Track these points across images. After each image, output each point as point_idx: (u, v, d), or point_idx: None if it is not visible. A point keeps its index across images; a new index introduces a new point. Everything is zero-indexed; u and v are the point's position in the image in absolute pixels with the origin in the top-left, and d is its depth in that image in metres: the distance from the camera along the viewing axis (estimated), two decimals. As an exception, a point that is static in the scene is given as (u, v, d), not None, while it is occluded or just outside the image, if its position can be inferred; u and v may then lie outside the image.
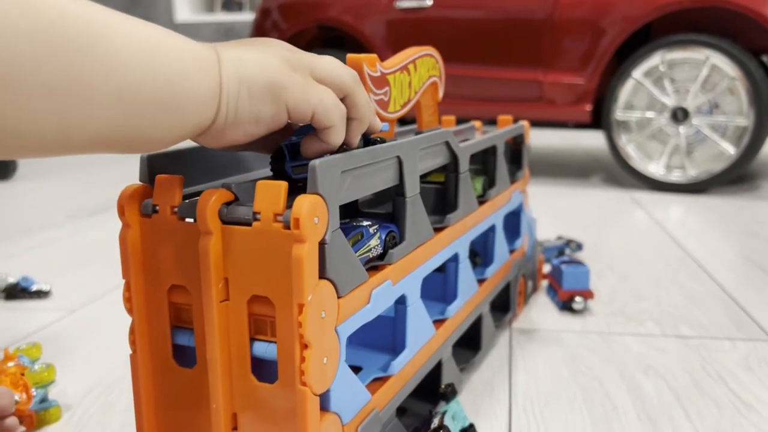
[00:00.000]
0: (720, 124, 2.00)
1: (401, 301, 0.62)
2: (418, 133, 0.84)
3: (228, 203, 0.45)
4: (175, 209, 0.46)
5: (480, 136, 0.93)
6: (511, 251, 1.01)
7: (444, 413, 0.63)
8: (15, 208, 1.93)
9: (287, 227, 0.42)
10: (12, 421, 0.65)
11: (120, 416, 0.74)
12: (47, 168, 2.67)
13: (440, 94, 0.88)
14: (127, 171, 2.57)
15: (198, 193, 0.49)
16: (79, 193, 2.14)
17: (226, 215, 0.44)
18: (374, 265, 0.56)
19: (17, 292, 1.13)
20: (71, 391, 0.80)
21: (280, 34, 2.51)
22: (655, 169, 2.08)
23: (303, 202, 0.41)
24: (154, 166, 0.49)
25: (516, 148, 1.05)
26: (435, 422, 0.62)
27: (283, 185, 0.43)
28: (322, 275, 0.44)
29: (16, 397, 0.68)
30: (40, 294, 1.14)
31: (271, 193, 0.43)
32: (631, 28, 2.02)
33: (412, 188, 0.61)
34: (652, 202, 1.92)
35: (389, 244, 0.60)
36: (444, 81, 0.89)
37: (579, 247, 1.35)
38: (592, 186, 2.20)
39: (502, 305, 1.02)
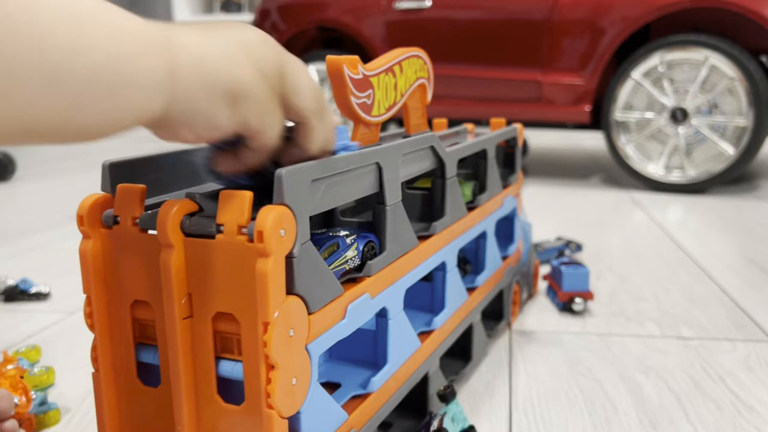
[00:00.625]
0: (719, 124, 1.97)
1: (382, 314, 0.59)
2: (405, 136, 0.82)
3: (191, 214, 0.42)
4: (137, 220, 0.44)
5: (470, 140, 0.91)
6: (504, 258, 0.98)
7: (443, 415, 0.61)
8: (14, 210, 1.91)
9: (252, 240, 0.39)
10: (11, 424, 0.63)
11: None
12: (46, 169, 2.65)
13: (429, 96, 0.86)
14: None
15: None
16: (79, 195, 2.11)
17: (189, 227, 0.42)
18: (352, 277, 0.54)
19: (16, 294, 1.11)
20: (70, 394, 0.79)
21: (279, 35, 2.49)
22: (654, 169, 2.06)
23: (267, 214, 0.39)
24: (118, 175, 0.47)
25: (509, 152, 1.02)
26: (434, 424, 0.60)
27: (247, 195, 0.40)
28: (291, 291, 0.42)
29: (15, 400, 0.67)
30: (39, 296, 1.12)
31: (235, 203, 0.40)
32: (631, 29, 1.99)
33: (393, 196, 0.58)
34: (652, 203, 1.90)
35: (368, 255, 0.57)
36: (432, 83, 0.87)
37: (578, 247, 1.33)
38: (591, 186, 2.17)
39: (495, 313, 0.99)
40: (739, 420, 0.72)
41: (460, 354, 0.85)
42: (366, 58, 0.71)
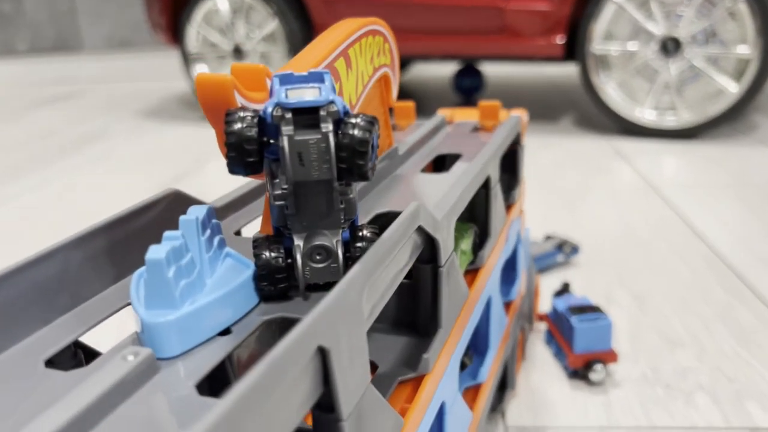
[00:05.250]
0: (717, 56, 1.66)
1: None
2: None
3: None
4: None
5: (456, 142, 0.58)
6: (508, 305, 0.67)
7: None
8: None
9: None
10: None
11: None
12: None
13: (394, 92, 0.52)
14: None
15: None
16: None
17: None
18: None
19: None
20: None
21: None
22: (640, 112, 1.75)
23: None
24: None
25: (511, 149, 0.69)
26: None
27: None
28: None
29: None
30: None
31: None
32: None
33: (356, 390, 0.27)
34: (639, 154, 1.60)
35: None
36: (398, 69, 0.52)
37: (574, 250, 1.02)
38: (563, 132, 1.86)
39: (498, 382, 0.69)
40: None
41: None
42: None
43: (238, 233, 0.43)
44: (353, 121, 0.30)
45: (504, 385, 0.69)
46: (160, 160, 1.72)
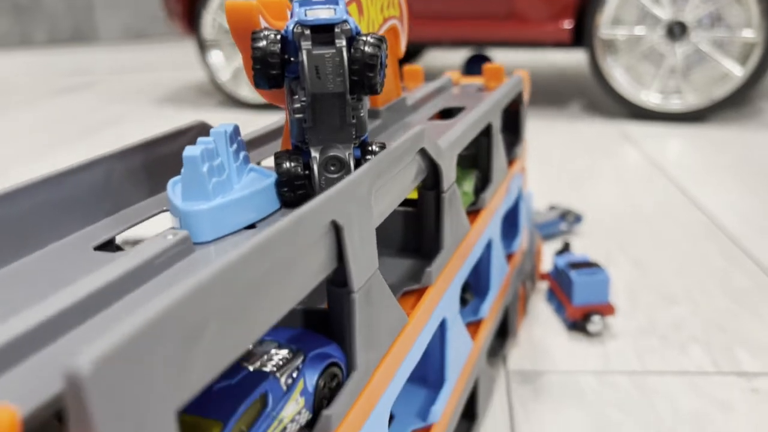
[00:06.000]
0: (723, 39, 1.69)
1: None
2: (371, 114, 0.52)
3: None
4: None
5: (462, 99, 0.62)
6: (509, 256, 0.71)
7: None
8: None
9: None
10: None
11: None
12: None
13: (402, 44, 0.56)
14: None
15: None
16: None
17: None
18: None
19: None
20: None
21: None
22: (646, 95, 1.78)
23: None
24: None
25: (513, 109, 0.73)
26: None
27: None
28: None
29: None
30: None
31: None
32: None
33: (366, 269, 0.31)
34: (646, 137, 1.64)
35: (324, 392, 0.30)
36: (407, 24, 0.56)
37: (578, 219, 1.06)
38: (572, 117, 1.90)
39: (498, 329, 0.74)
40: None
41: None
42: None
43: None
44: (364, 38, 0.34)
45: (505, 332, 0.73)
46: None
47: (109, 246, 0.35)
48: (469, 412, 0.60)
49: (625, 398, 0.65)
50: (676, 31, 1.71)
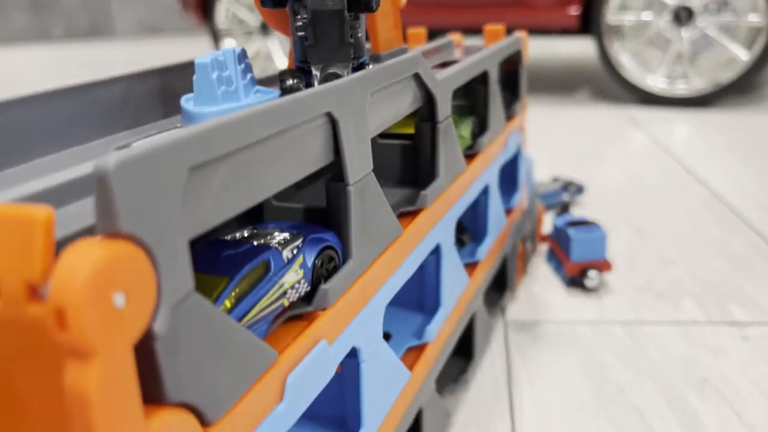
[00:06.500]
0: (730, 24, 1.71)
1: (353, 355, 0.35)
2: (373, 59, 0.55)
3: None
4: None
5: (462, 57, 0.65)
6: (508, 211, 0.74)
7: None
8: None
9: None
10: None
11: None
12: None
13: (403, -7, 0.58)
14: None
15: None
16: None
17: None
18: (298, 313, 0.30)
19: None
20: None
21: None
22: (653, 80, 1.80)
23: (77, 262, 0.13)
24: None
25: (511, 70, 0.76)
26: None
27: (42, 216, 0.15)
28: (162, 400, 0.17)
29: None
30: None
31: (13, 232, 0.15)
32: None
33: (360, 167, 0.33)
34: (652, 121, 1.66)
35: (323, 272, 0.33)
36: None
37: (579, 190, 1.08)
38: (580, 103, 1.92)
39: (496, 281, 0.76)
40: None
41: (457, 351, 0.62)
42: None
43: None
44: None
45: (504, 285, 0.76)
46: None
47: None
48: (467, 352, 0.63)
49: (618, 344, 0.68)
50: (683, 16, 1.73)
